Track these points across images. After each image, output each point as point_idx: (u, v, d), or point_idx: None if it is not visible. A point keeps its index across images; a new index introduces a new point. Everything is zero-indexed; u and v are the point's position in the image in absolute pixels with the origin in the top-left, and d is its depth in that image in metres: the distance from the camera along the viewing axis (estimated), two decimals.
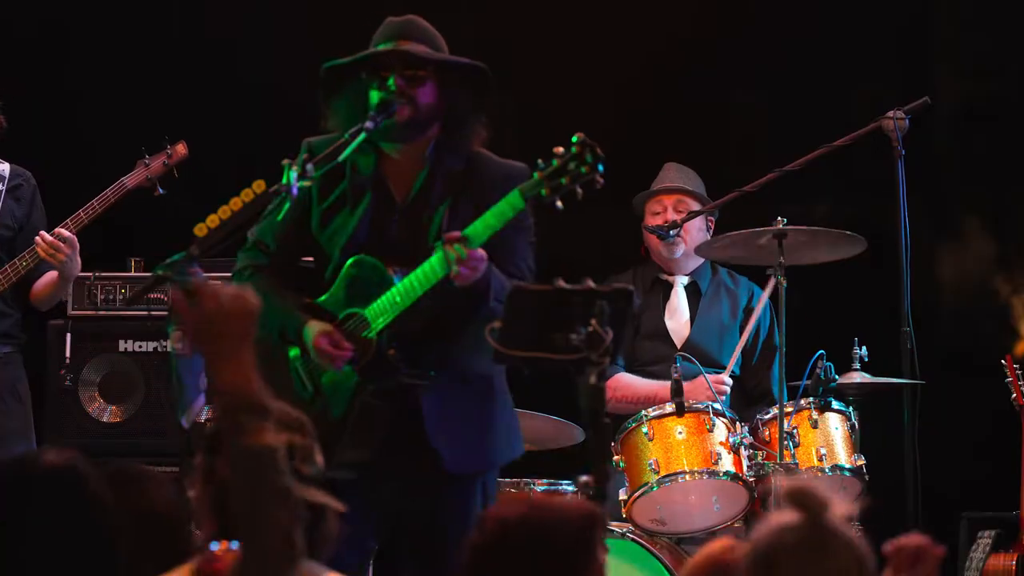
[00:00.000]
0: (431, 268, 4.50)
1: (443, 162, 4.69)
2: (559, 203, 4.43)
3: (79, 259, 5.84)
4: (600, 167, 4.38)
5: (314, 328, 4.61)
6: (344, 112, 4.68)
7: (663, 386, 6.09)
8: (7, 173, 5.97)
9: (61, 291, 6.04)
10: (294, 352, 4.69)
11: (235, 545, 2.90)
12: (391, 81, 4.61)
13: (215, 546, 2.87)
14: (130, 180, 6.00)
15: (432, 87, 4.65)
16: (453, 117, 4.67)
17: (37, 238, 5.79)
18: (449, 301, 4.53)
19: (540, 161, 4.43)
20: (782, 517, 2.59)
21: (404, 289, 4.54)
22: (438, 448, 4.61)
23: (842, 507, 2.62)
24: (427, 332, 4.60)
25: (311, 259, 4.81)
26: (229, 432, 2.74)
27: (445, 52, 4.72)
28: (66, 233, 5.77)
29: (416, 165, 4.70)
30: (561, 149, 4.41)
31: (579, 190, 4.42)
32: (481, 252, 4.46)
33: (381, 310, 4.57)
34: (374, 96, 4.62)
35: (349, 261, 4.65)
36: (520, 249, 4.68)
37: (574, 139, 4.42)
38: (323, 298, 4.68)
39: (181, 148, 6.03)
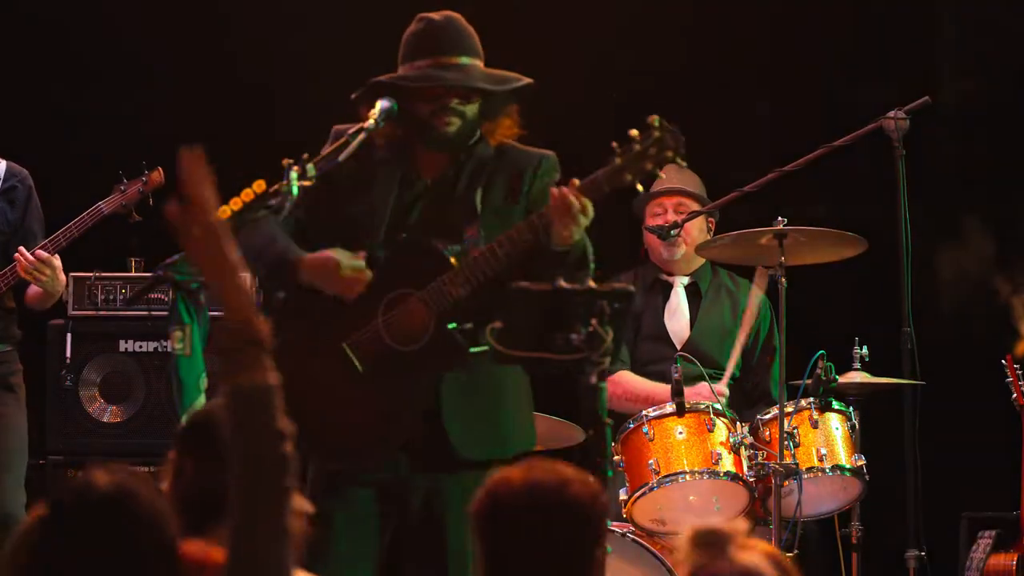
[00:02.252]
0: (504, 250, 4.52)
1: (474, 150, 4.72)
2: (639, 186, 4.48)
3: (62, 275, 5.89)
4: (682, 150, 4.44)
5: (339, 252, 4.59)
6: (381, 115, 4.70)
7: (664, 389, 6.09)
8: (2, 173, 5.98)
9: (48, 303, 6.10)
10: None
11: None
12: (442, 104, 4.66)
13: None
14: (106, 206, 6.02)
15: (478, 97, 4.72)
16: (489, 117, 4.72)
17: (17, 255, 5.81)
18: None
19: (616, 146, 4.45)
20: None
21: (469, 270, 4.54)
22: (451, 432, 4.62)
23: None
24: (477, 309, 4.60)
25: None
26: (228, 367, 2.69)
27: (480, 52, 4.76)
28: (44, 254, 5.79)
29: (446, 153, 4.74)
30: (637, 132, 4.44)
31: (660, 173, 4.49)
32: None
33: (443, 291, 4.56)
34: (423, 113, 4.66)
35: (400, 239, 4.64)
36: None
37: (654, 123, 4.45)
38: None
39: (157, 176, 6.04)
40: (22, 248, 5.84)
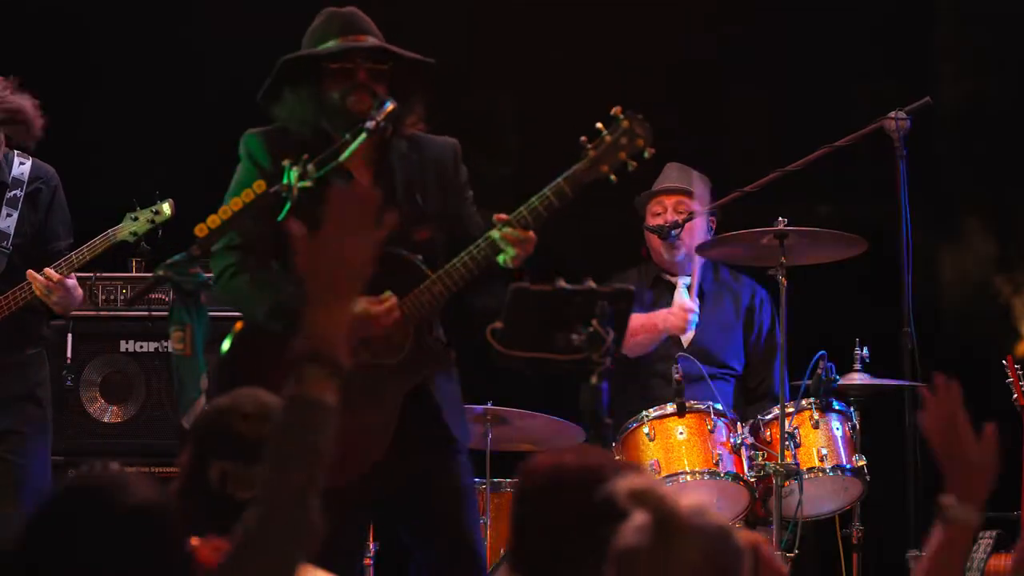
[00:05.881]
0: (483, 254, 4.51)
1: (392, 145, 4.72)
2: (613, 177, 4.48)
3: (78, 293, 5.85)
4: (651, 138, 4.46)
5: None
6: (291, 105, 4.67)
7: (649, 316, 6.18)
8: (26, 176, 5.93)
9: (67, 312, 6.08)
10: None
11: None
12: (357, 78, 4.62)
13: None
14: (117, 233, 6.01)
15: (386, 81, 4.68)
16: (400, 106, 4.69)
17: (32, 272, 5.78)
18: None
19: (586, 141, 4.45)
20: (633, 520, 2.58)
21: (449, 277, 4.54)
22: (450, 426, 4.63)
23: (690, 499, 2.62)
24: (445, 314, 4.63)
25: None
26: (296, 378, 2.67)
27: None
28: (56, 276, 5.77)
29: (372, 152, 4.70)
30: (602, 125, 4.45)
31: (632, 163, 4.49)
32: (532, 233, 4.51)
33: (423, 300, 4.56)
34: (333, 96, 4.61)
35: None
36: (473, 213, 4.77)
37: (620, 115, 4.46)
38: None
39: (167, 208, 6.03)
40: (31, 271, 5.81)
